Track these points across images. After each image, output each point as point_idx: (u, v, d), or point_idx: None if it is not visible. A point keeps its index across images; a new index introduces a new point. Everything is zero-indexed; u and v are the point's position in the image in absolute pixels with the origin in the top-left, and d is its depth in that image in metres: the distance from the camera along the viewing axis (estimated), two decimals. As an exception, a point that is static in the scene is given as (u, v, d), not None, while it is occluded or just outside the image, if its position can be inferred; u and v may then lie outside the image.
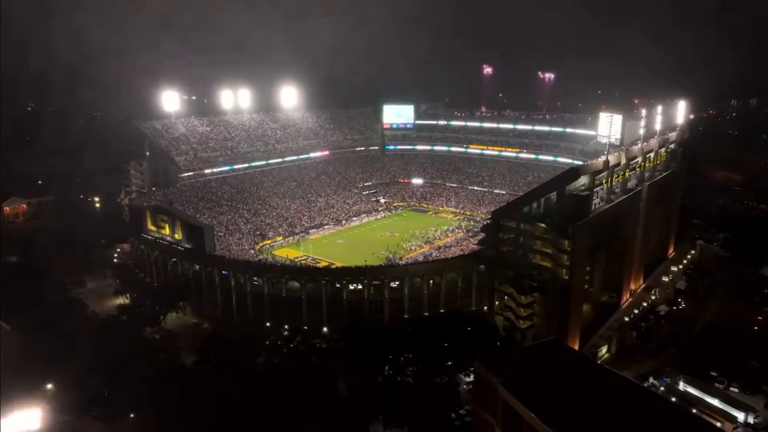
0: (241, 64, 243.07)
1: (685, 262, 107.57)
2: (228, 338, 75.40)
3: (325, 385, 66.66)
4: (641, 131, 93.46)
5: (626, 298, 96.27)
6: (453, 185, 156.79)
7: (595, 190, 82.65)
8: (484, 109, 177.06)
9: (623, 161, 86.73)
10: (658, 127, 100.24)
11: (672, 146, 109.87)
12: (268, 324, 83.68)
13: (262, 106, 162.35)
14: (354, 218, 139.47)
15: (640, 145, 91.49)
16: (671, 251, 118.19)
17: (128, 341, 78.87)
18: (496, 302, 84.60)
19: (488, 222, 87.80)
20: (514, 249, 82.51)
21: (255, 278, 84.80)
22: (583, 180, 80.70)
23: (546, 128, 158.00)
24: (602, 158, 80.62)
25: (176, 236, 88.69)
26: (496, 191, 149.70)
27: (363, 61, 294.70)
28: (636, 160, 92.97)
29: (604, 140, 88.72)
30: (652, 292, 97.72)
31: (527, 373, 52.44)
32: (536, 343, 60.93)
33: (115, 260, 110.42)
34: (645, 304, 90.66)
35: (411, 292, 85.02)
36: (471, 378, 72.93)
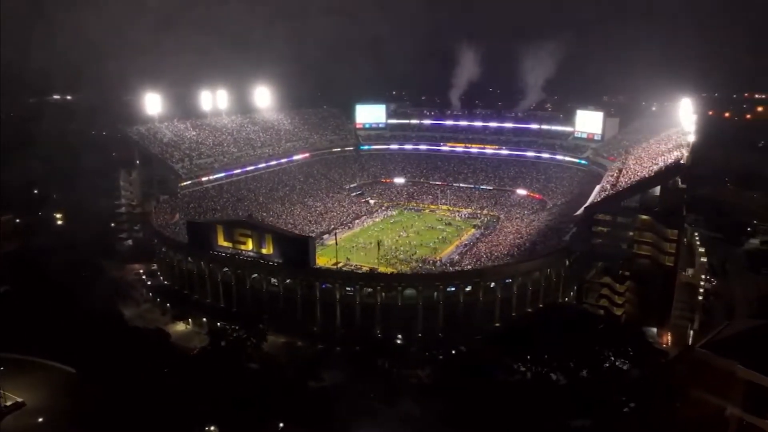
0: (204, 63, 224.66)
1: (696, 243, 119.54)
2: (371, 353, 71.55)
3: (504, 389, 66.16)
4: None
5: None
6: (437, 183, 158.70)
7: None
8: (456, 105, 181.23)
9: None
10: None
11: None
12: (379, 334, 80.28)
13: (238, 107, 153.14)
14: (357, 221, 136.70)
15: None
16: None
17: (244, 370, 71.85)
18: (588, 293, 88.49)
19: (581, 217, 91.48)
20: (608, 241, 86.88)
21: (366, 289, 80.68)
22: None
23: (521, 125, 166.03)
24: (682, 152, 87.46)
25: (264, 251, 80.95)
26: (483, 187, 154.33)
27: (330, 60, 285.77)
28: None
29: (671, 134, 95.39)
30: (686, 272, 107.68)
31: (759, 354, 56.51)
32: (740, 324, 65.52)
33: (149, 283, 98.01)
34: (702, 282, 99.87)
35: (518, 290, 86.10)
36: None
